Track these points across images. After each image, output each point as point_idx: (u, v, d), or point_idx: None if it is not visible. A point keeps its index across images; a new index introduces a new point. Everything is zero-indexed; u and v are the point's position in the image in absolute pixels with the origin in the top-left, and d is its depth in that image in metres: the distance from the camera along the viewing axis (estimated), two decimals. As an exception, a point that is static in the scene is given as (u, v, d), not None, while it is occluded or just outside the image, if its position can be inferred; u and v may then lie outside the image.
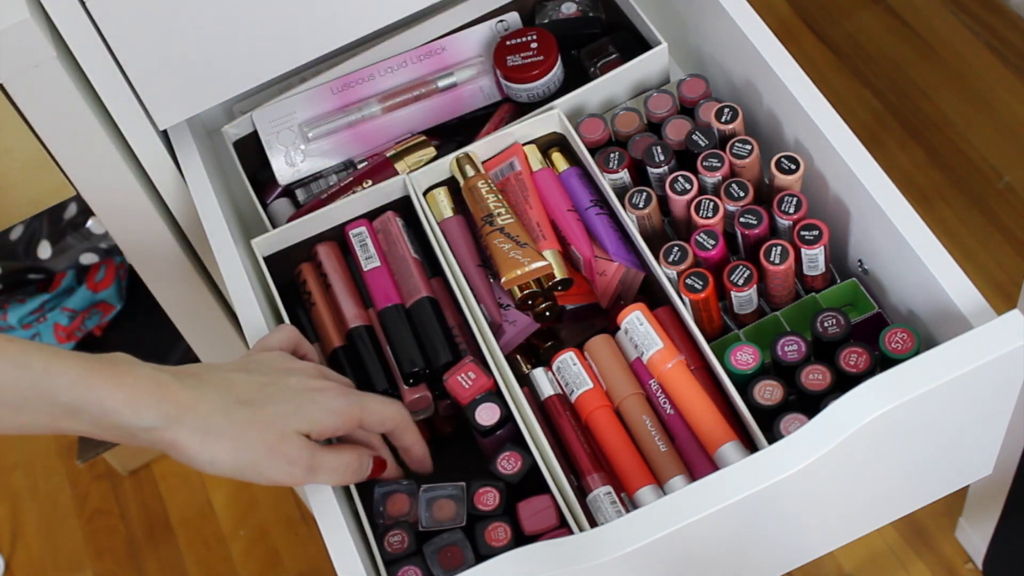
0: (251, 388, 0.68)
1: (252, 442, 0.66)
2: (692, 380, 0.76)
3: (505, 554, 0.66)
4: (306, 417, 0.68)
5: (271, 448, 0.66)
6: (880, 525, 0.84)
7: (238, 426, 0.66)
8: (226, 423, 0.65)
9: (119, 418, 0.63)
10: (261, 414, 0.67)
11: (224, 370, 0.69)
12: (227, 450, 0.65)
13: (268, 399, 0.68)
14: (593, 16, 0.98)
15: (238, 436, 0.66)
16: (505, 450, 0.75)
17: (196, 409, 0.65)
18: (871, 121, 1.75)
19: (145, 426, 0.64)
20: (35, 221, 1.46)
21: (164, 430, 0.64)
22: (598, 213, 0.86)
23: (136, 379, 0.64)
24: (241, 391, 0.67)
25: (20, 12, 0.80)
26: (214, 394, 0.66)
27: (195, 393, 0.66)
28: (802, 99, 0.81)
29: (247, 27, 0.86)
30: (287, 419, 0.67)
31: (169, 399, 0.65)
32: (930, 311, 0.76)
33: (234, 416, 0.66)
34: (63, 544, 1.68)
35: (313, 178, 0.95)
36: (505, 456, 0.75)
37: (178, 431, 0.64)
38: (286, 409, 0.68)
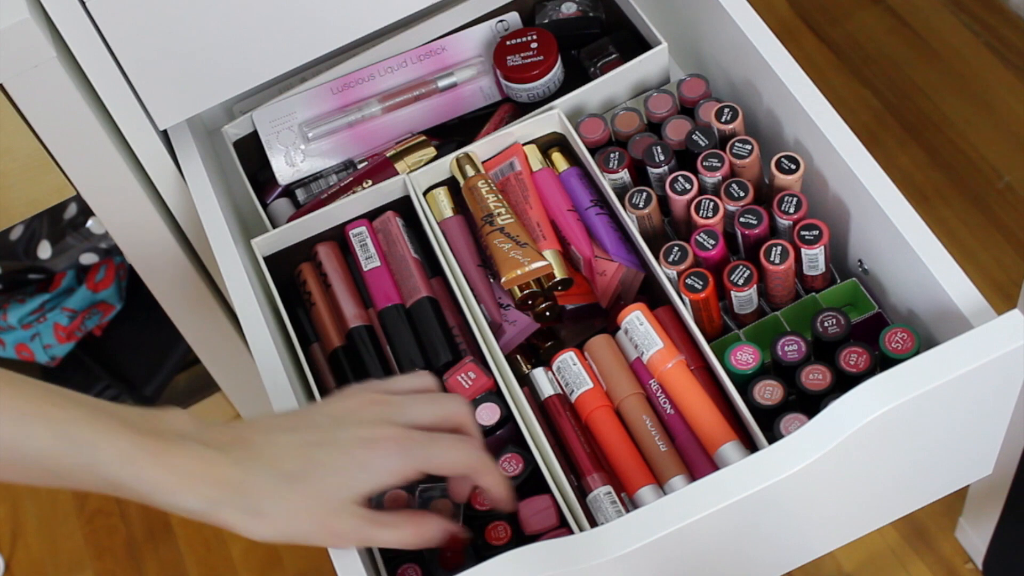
0: (299, 456, 0.64)
1: (301, 520, 0.64)
2: (692, 380, 0.76)
3: (505, 554, 0.66)
4: (356, 486, 0.65)
5: (321, 524, 0.64)
6: (880, 525, 0.84)
7: (286, 505, 0.63)
8: (274, 504, 0.63)
9: (163, 498, 0.61)
10: (310, 490, 0.64)
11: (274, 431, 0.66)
12: (276, 528, 0.63)
13: (317, 468, 0.64)
14: (593, 16, 0.98)
15: (287, 515, 0.63)
16: (506, 451, 0.75)
17: (242, 491, 0.63)
18: (871, 121, 1.75)
19: (190, 509, 0.62)
20: (35, 221, 1.45)
21: (210, 514, 0.62)
22: (598, 213, 0.86)
23: (183, 459, 0.62)
24: (289, 461, 0.64)
25: (20, 12, 0.80)
26: (261, 472, 0.63)
27: (241, 471, 0.63)
28: (802, 99, 0.81)
29: (247, 27, 0.86)
30: (337, 491, 0.64)
31: (214, 480, 0.62)
32: (930, 311, 0.76)
33: (282, 495, 0.63)
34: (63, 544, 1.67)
35: (313, 178, 0.95)
36: (506, 458, 0.75)
37: (226, 514, 0.62)
38: (335, 481, 0.64)
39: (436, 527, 0.68)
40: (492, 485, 0.69)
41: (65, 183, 0.94)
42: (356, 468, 0.65)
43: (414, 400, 0.69)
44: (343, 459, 0.65)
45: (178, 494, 0.62)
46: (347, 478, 0.64)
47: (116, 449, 0.61)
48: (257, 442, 0.65)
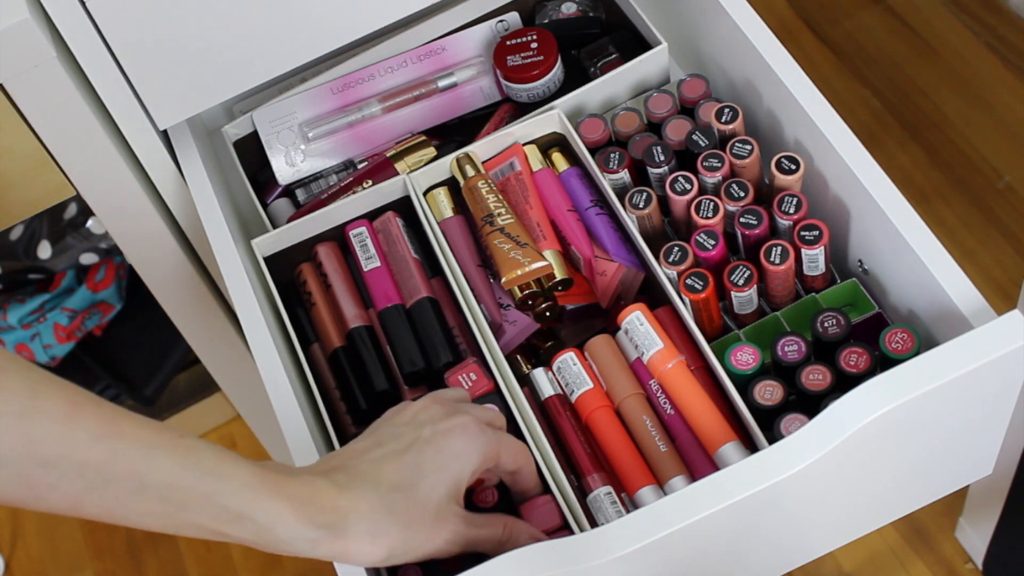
0: (397, 466, 0.65)
1: (416, 530, 0.64)
2: (692, 380, 0.76)
3: (505, 554, 0.66)
4: (456, 477, 0.66)
5: (431, 532, 0.65)
6: (880, 525, 0.84)
7: (400, 517, 0.64)
8: (390, 519, 0.63)
9: (284, 530, 0.61)
10: (416, 497, 0.65)
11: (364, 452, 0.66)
12: (396, 545, 0.64)
13: (416, 472, 0.65)
14: (593, 16, 0.98)
15: (403, 528, 0.64)
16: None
17: (357, 511, 0.63)
18: (871, 121, 1.75)
19: (311, 538, 0.62)
20: (35, 221, 1.45)
21: (331, 541, 0.62)
22: (598, 213, 0.86)
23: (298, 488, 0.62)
24: (390, 474, 0.65)
25: (20, 12, 0.80)
26: (369, 490, 0.64)
27: (350, 495, 0.63)
28: (802, 99, 0.81)
29: (247, 27, 0.86)
30: (439, 490, 0.65)
31: (328, 508, 0.62)
32: (930, 311, 0.76)
33: (394, 508, 0.64)
34: (63, 544, 1.67)
35: (313, 178, 0.95)
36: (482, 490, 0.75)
37: (346, 539, 0.63)
38: (437, 478, 0.66)
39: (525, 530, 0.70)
40: (532, 488, 0.73)
41: (65, 183, 0.94)
42: (450, 459, 0.66)
43: (466, 399, 0.74)
44: (435, 455, 0.66)
45: (297, 525, 0.61)
46: (446, 472, 0.66)
47: (240, 478, 0.61)
48: (353, 465, 0.65)
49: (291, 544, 0.62)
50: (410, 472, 0.65)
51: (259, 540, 0.62)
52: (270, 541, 0.62)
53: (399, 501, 0.64)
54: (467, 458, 0.67)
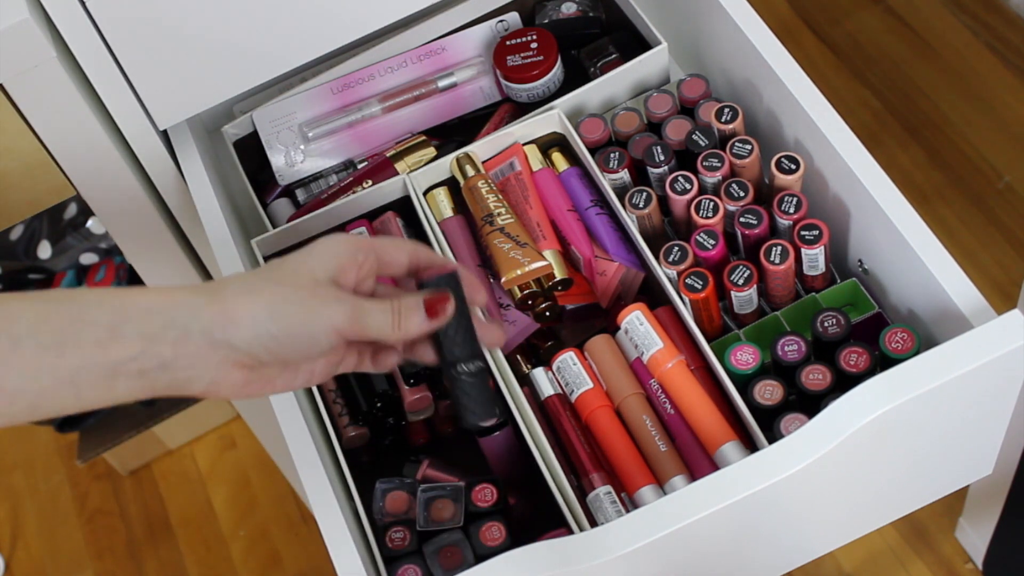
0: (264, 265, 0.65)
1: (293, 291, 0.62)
2: (692, 380, 0.76)
3: (505, 554, 0.66)
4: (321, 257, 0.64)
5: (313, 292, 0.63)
6: (880, 525, 0.84)
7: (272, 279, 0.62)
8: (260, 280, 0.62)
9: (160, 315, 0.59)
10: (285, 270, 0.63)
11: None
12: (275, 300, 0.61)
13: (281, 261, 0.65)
14: (593, 16, 0.98)
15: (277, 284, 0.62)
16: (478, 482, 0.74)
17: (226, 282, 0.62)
18: (871, 121, 1.75)
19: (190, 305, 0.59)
20: (35, 221, 1.45)
21: (209, 304, 0.60)
22: (598, 213, 0.86)
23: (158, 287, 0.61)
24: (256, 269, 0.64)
25: (20, 12, 0.80)
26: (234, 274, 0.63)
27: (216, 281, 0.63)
28: (802, 99, 0.81)
29: (247, 27, 0.86)
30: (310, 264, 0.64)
31: (197, 286, 0.62)
32: (930, 311, 0.76)
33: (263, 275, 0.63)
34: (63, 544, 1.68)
35: (313, 178, 0.95)
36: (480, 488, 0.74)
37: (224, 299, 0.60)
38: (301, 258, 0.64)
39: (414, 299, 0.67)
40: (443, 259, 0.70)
41: (65, 183, 0.94)
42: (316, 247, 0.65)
43: None
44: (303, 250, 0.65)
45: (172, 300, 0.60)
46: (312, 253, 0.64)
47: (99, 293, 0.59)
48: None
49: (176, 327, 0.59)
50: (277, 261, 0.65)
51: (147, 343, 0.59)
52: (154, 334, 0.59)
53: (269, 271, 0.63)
54: (330, 244, 0.65)
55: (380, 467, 0.82)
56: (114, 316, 0.58)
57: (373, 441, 0.83)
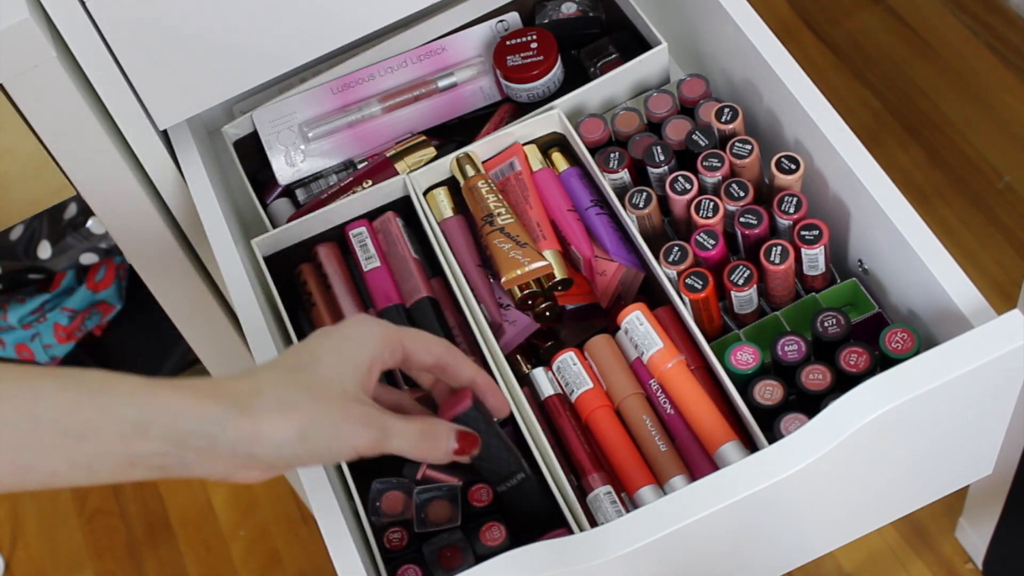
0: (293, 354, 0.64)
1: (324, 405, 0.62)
2: (692, 380, 0.76)
3: (505, 554, 0.66)
4: (353, 360, 0.64)
5: (343, 411, 0.62)
6: (880, 525, 0.84)
7: (306, 390, 0.61)
8: (296, 391, 0.61)
9: (190, 421, 0.58)
10: (318, 375, 0.62)
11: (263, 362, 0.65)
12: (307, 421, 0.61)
13: (314, 357, 0.63)
14: (593, 16, 0.98)
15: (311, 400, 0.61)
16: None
17: (261, 389, 0.61)
18: (871, 121, 1.75)
19: (219, 419, 0.59)
20: (35, 221, 1.45)
21: (241, 417, 0.59)
22: (598, 213, 0.86)
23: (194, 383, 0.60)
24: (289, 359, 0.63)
25: (20, 12, 0.80)
26: (267, 372, 0.62)
27: (250, 379, 0.61)
28: (802, 99, 0.81)
29: (247, 27, 0.86)
30: (341, 372, 0.63)
31: (229, 390, 0.60)
32: (930, 311, 0.76)
33: (298, 382, 0.61)
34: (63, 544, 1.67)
35: (313, 178, 0.95)
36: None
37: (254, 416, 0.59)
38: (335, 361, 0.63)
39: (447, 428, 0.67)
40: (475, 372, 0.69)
41: (65, 183, 0.94)
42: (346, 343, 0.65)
43: None
44: (332, 341, 0.65)
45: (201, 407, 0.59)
46: (344, 355, 0.64)
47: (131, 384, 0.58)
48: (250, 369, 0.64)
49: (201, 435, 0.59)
50: (307, 356, 0.64)
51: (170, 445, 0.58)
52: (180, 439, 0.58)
53: (302, 377, 0.62)
54: (364, 341, 0.65)
55: (380, 467, 0.82)
56: (141, 414, 0.58)
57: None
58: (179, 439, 0.58)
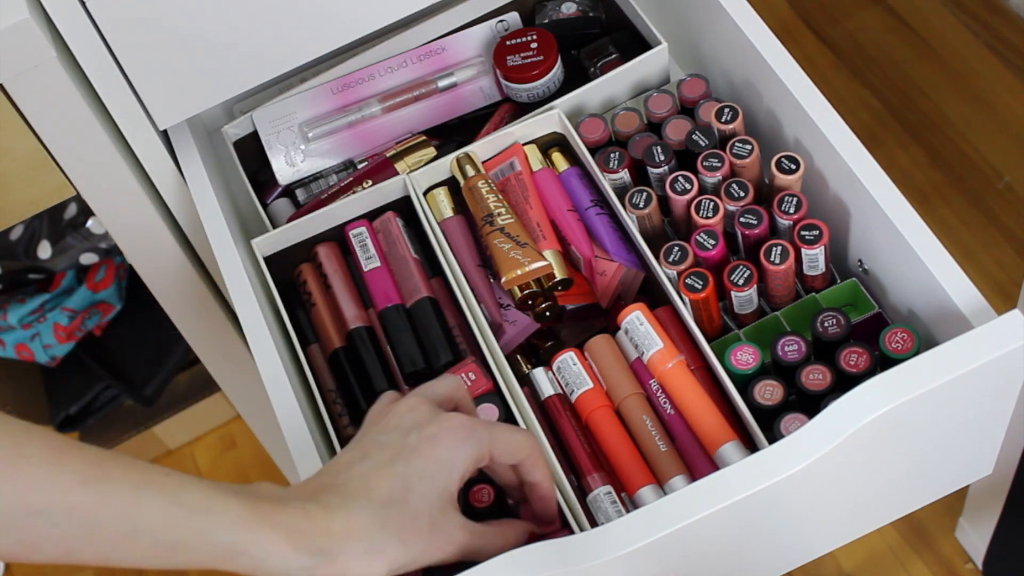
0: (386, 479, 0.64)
1: (412, 543, 0.63)
2: (692, 380, 0.76)
3: (505, 554, 0.66)
4: (446, 485, 0.65)
5: (428, 541, 0.64)
6: (880, 525, 0.84)
7: (395, 532, 0.63)
8: (384, 535, 0.62)
9: (279, 561, 0.60)
10: (409, 509, 0.64)
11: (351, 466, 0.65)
12: (393, 559, 0.63)
13: (405, 484, 0.64)
14: (593, 16, 0.98)
15: (400, 542, 0.63)
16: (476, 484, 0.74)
17: (352, 533, 0.62)
18: (871, 121, 1.75)
19: (307, 565, 0.61)
20: (35, 221, 1.45)
21: (327, 566, 0.61)
22: (598, 213, 0.86)
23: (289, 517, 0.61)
24: (380, 489, 0.64)
25: (20, 12, 0.80)
26: (360, 508, 0.63)
27: (343, 515, 0.62)
28: (802, 99, 0.81)
29: (247, 27, 0.86)
30: (431, 499, 0.64)
31: (321, 532, 0.61)
32: (930, 311, 0.76)
33: (388, 523, 0.63)
34: (63, 544, 1.67)
35: (313, 178, 0.95)
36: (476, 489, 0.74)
37: (344, 562, 0.61)
38: (428, 488, 0.64)
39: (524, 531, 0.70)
40: (543, 478, 0.70)
41: (65, 183, 0.94)
42: (438, 467, 0.65)
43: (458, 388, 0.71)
44: (423, 464, 0.65)
45: (291, 554, 0.60)
46: (435, 481, 0.65)
47: (230, 512, 0.60)
48: (342, 482, 0.64)
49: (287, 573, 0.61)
50: (400, 484, 0.64)
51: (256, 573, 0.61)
52: (265, 572, 0.61)
53: (393, 515, 0.63)
54: (456, 463, 0.66)
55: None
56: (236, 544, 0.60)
57: (373, 441, 0.83)
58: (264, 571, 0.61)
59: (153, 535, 0.59)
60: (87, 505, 0.57)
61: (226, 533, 0.60)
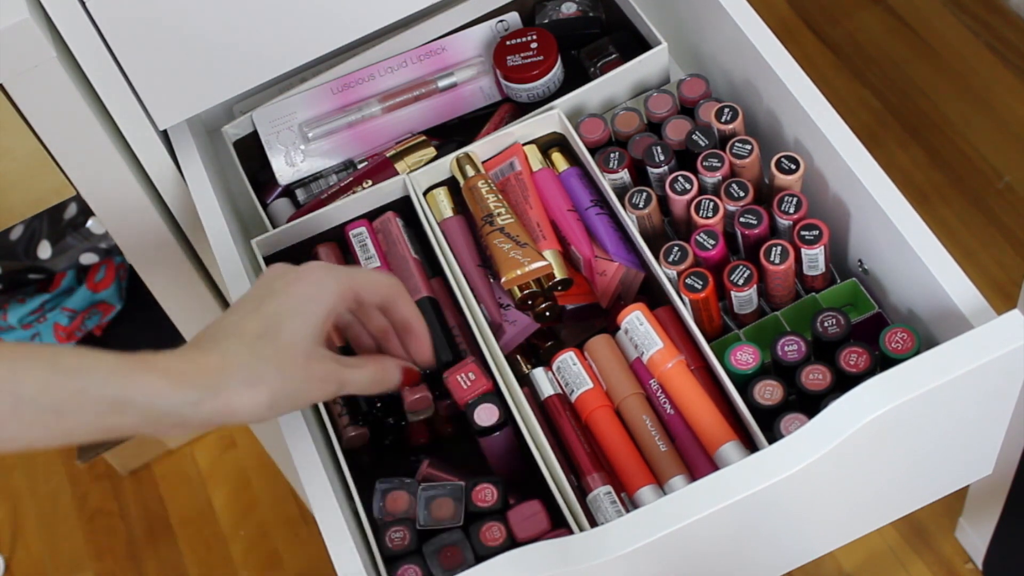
0: (256, 318, 0.67)
1: (290, 373, 0.66)
2: (692, 380, 0.76)
3: (505, 554, 0.66)
4: (315, 318, 0.68)
5: (306, 373, 0.67)
6: (880, 525, 0.84)
7: (272, 361, 0.65)
8: (262, 364, 0.65)
9: (165, 401, 0.62)
10: (281, 341, 0.66)
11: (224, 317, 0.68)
12: (275, 388, 0.65)
13: (275, 320, 0.67)
14: (593, 16, 0.98)
15: (277, 370, 0.65)
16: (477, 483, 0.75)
17: (230, 366, 0.64)
18: (871, 121, 1.75)
19: (193, 400, 0.63)
20: (35, 221, 1.45)
21: (212, 398, 0.63)
22: (598, 213, 0.86)
23: (166, 360, 0.64)
24: (252, 326, 0.67)
25: (20, 12, 0.80)
26: (235, 343, 0.66)
27: (219, 352, 0.65)
28: (802, 99, 0.81)
29: (247, 27, 0.86)
30: (302, 332, 0.67)
31: (202, 369, 0.64)
32: (930, 311, 0.76)
33: (263, 354, 0.65)
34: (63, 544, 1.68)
35: (313, 178, 0.95)
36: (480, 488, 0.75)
37: (226, 393, 0.64)
38: (297, 322, 0.67)
39: (394, 365, 0.74)
40: (411, 315, 0.75)
41: (65, 183, 0.94)
42: (303, 302, 0.68)
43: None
44: (290, 301, 0.68)
45: (178, 388, 0.62)
46: (304, 315, 0.68)
47: (107, 366, 0.62)
48: (214, 330, 0.67)
49: (176, 415, 0.63)
50: (271, 320, 0.67)
51: (145, 422, 0.62)
52: (154, 418, 0.62)
53: (266, 347, 0.66)
54: (321, 298, 0.69)
55: (380, 467, 0.82)
56: (117, 395, 0.62)
57: (373, 441, 0.83)
58: (154, 417, 0.63)
59: (36, 403, 0.60)
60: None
61: (106, 386, 0.61)
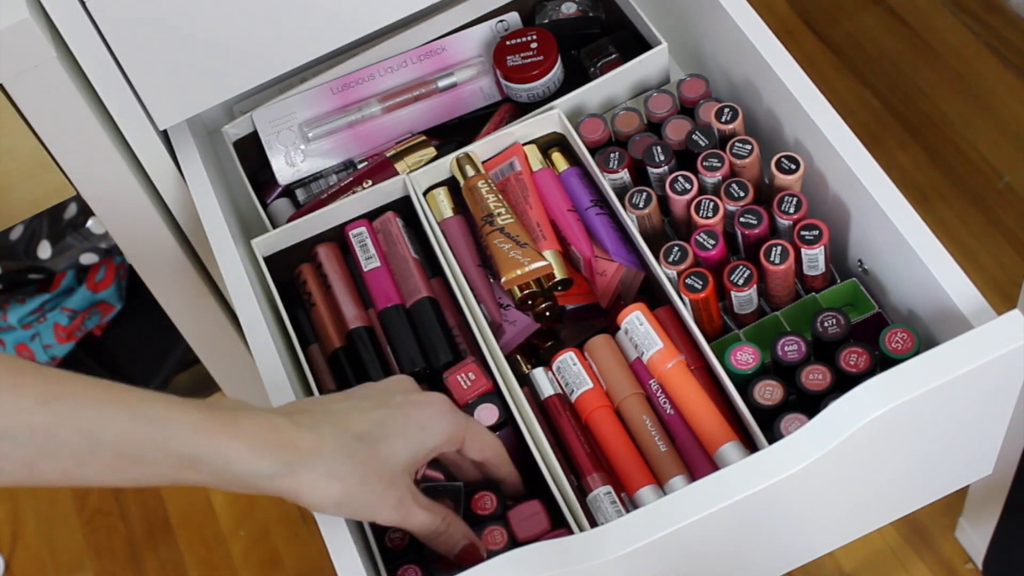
0: (364, 419, 0.66)
1: (370, 485, 0.64)
2: (692, 380, 0.76)
3: (505, 554, 0.66)
4: (415, 446, 0.67)
5: (384, 491, 0.65)
6: (880, 525, 0.84)
7: (359, 466, 0.64)
8: (349, 465, 0.64)
9: (241, 467, 0.61)
10: (378, 453, 0.65)
11: (331, 402, 0.67)
12: (350, 493, 0.64)
13: (381, 430, 0.66)
14: (593, 16, 0.98)
15: (360, 477, 0.64)
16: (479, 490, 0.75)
17: (318, 452, 0.63)
18: (871, 121, 1.75)
19: (268, 474, 0.62)
20: (35, 221, 1.45)
21: (287, 476, 0.62)
22: (598, 213, 0.86)
23: (254, 426, 0.62)
24: (356, 425, 0.65)
25: (20, 12, 0.80)
26: (332, 434, 0.64)
27: (313, 435, 0.63)
28: (802, 99, 0.81)
29: (247, 27, 0.86)
30: (400, 454, 0.66)
31: (288, 444, 0.62)
32: (930, 311, 0.76)
33: (355, 455, 0.64)
34: (63, 544, 1.67)
35: (313, 178, 0.95)
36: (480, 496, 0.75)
37: (302, 476, 0.62)
38: (401, 442, 0.66)
39: (462, 536, 0.70)
40: (509, 474, 0.74)
41: (65, 183, 0.94)
42: (415, 428, 0.67)
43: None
44: (403, 421, 0.67)
45: (257, 459, 0.61)
46: (409, 439, 0.66)
47: (192, 423, 0.61)
48: (319, 410, 0.66)
49: (249, 482, 0.62)
50: (376, 428, 0.66)
51: (216, 481, 0.62)
52: (227, 479, 0.62)
53: (361, 451, 0.64)
54: (432, 431, 0.68)
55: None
56: (197, 453, 0.61)
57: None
58: (227, 479, 0.62)
59: (114, 449, 0.59)
60: (48, 424, 0.58)
61: (186, 443, 0.60)
